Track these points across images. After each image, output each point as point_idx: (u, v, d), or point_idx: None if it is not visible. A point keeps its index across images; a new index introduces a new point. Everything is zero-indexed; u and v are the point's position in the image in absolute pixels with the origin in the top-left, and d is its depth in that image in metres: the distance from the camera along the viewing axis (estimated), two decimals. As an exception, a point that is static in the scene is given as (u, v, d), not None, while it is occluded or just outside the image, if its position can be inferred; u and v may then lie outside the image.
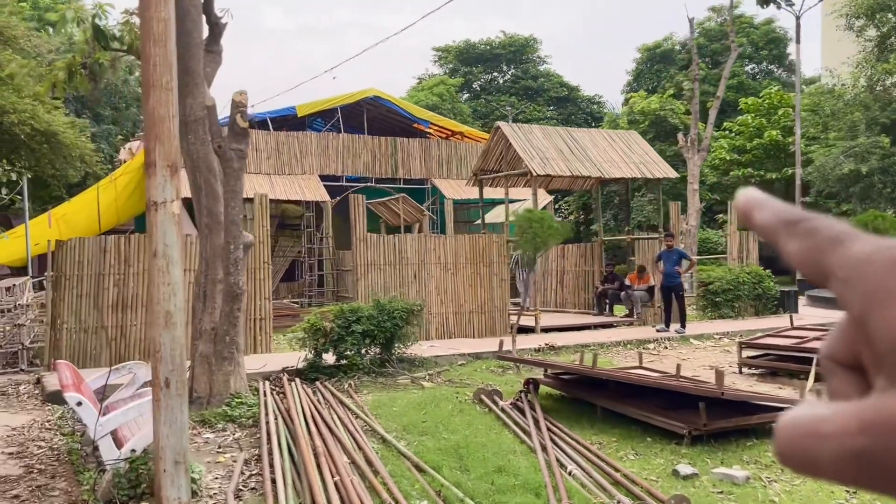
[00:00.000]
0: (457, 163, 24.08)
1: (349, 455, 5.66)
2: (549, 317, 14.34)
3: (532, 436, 6.02)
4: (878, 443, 0.29)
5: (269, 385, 8.38)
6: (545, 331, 13.28)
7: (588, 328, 13.88)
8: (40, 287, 16.65)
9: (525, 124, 14.96)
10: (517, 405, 7.37)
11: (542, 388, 7.99)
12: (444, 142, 24.43)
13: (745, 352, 9.73)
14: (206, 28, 7.81)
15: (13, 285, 11.54)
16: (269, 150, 21.25)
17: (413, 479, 5.26)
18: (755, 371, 9.72)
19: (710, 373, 8.35)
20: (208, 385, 7.51)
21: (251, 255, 10.17)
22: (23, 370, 10.40)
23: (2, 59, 11.25)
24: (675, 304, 12.88)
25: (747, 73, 40.03)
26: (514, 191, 20.64)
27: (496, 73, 45.79)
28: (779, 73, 41.04)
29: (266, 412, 7.10)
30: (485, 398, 7.71)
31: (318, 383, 8.67)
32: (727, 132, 30.51)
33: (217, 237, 7.62)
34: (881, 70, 21.42)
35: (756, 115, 29.97)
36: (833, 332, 0.36)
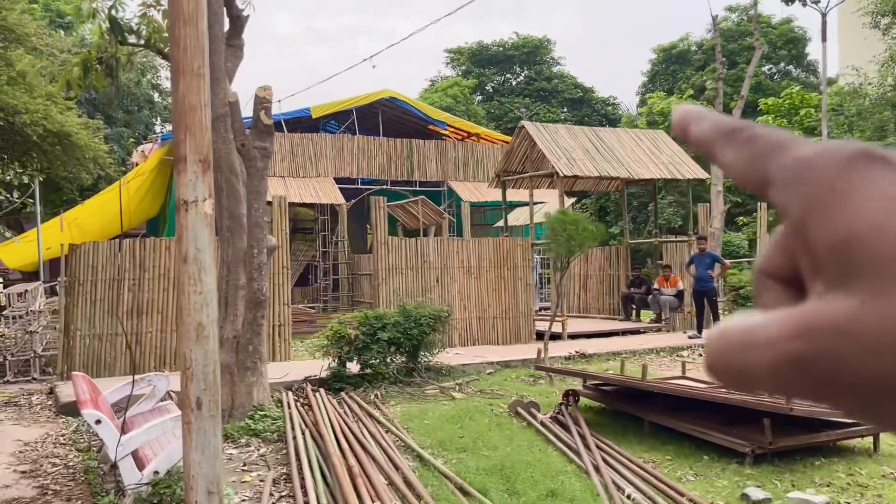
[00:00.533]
0: (473, 165, 23.66)
1: (386, 475, 5.24)
2: (575, 322, 13.88)
3: (582, 454, 5.58)
4: (817, 346, 0.27)
5: (292, 396, 7.99)
6: (572, 337, 12.82)
7: (616, 334, 13.42)
8: (52, 292, 16.34)
9: (550, 124, 14.54)
10: (558, 419, 6.94)
11: (581, 400, 7.55)
12: (460, 143, 24.01)
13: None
14: (226, 21, 7.44)
15: (25, 291, 11.19)
16: (283, 152, 20.88)
17: (458, 503, 4.83)
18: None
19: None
20: (230, 397, 7.11)
21: (270, 260, 9.78)
22: (35, 379, 10.05)
23: (13, 57, 10.93)
24: (708, 310, 12.40)
25: (765, 74, 39.41)
26: (529, 193, 20.21)
27: (509, 75, 45.39)
28: (797, 73, 40.46)
29: (292, 426, 6.70)
30: (522, 411, 7.28)
31: (343, 394, 8.27)
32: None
33: (239, 241, 7.23)
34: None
35: (776, 115, 29.45)
36: (768, 245, 0.34)
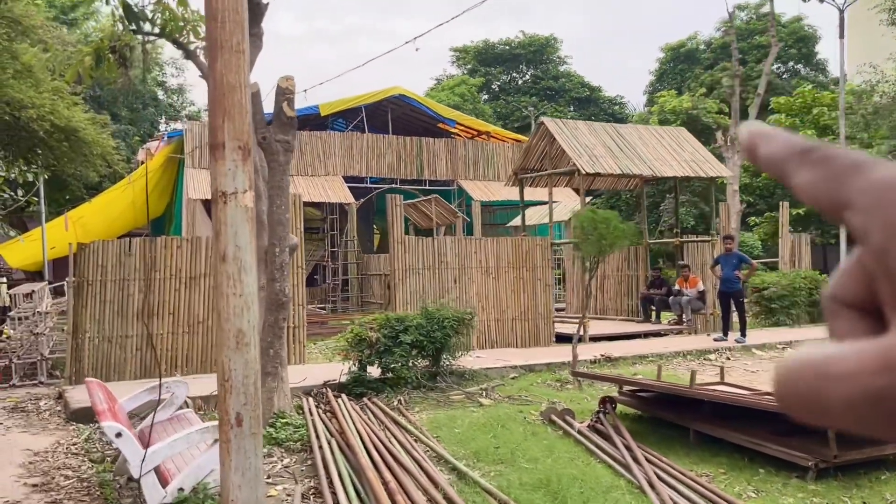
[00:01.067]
0: (483, 163, 23.30)
1: (424, 491, 4.87)
2: (594, 324, 13.49)
3: (632, 468, 5.21)
4: None
5: (312, 402, 7.62)
6: (594, 340, 12.46)
7: (638, 336, 13.05)
8: (56, 293, 16.00)
9: (569, 120, 14.18)
10: (596, 427, 6.57)
11: (618, 408, 7.18)
12: (470, 142, 23.65)
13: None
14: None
15: (32, 291, 10.83)
16: (291, 151, 20.51)
17: (506, 522, 4.47)
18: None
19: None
20: (250, 403, 6.74)
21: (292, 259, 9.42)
22: (42, 383, 9.69)
23: (18, 50, 10.57)
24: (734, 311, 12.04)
25: (774, 73, 38.98)
26: (541, 192, 19.85)
27: (515, 74, 45.03)
28: (806, 72, 40.06)
29: (316, 435, 6.33)
30: (556, 418, 6.91)
31: (365, 399, 7.91)
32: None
33: (260, 239, 6.85)
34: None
35: (789, 114, 29.08)
36: (840, 270, 0.32)
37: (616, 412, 6.96)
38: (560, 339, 12.80)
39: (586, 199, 21.37)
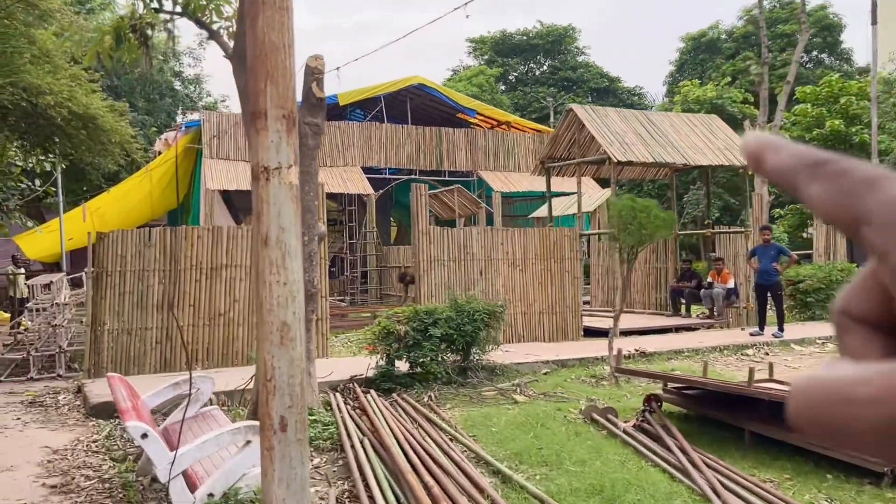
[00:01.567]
0: (504, 154, 22.90)
1: (470, 497, 4.53)
2: (623, 318, 13.09)
3: (691, 473, 4.83)
4: None
5: (340, 398, 7.31)
6: (624, 334, 12.07)
7: (669, 330, 12.64)
8: (74, 284, 15.79)
9: (599, 107, 13.75)
10: (643, 427, 6.21)
11: (663, 406, 6.80)
12: (490, 132, 23.23)
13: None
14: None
15: (50, 282, 10.59)
16: (309, 141, 20.20)
17: (561, 532, 4.12)
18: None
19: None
20: (276, 399, 6.43)
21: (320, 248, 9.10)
22: (60, 376, 9.45)
23: (36, 34, 10.29)
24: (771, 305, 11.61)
25: (797, 62, 38.16)
26: (565, 182, 19.42)
27: (533, 65, 44.48)
28: (830, 61, 39.25)
29: (347, 433, 6.01)
30: (598, 417, 6.55)
31: (394, 395, 7.58)
32: (772, 125, 29.00)
33: (286, 227, 6.54)
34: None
35: (815, 104, 28.38)
36: (852, 284, 0.32)
37: (661, 411, 6.59)
38: (588, 333, 12.43)
39: (606, 190, 20.94)
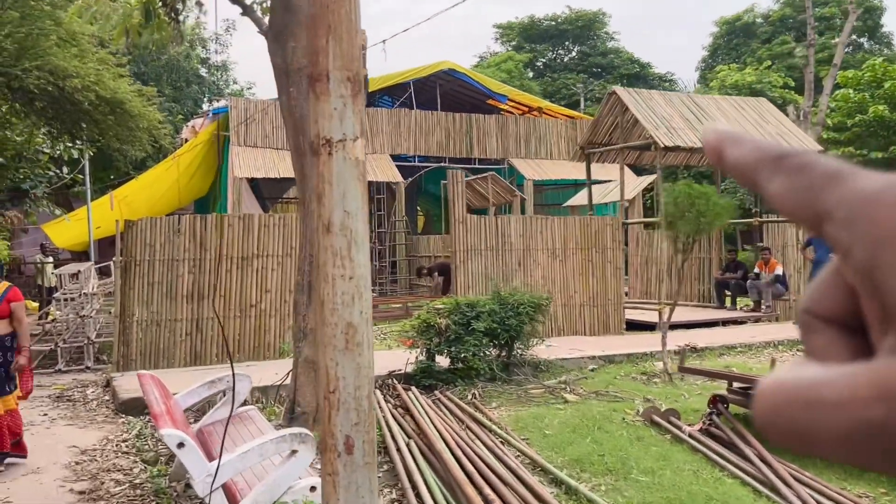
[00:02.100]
0: (535, 141, 22.30)
1: (534, 511, 4.10)
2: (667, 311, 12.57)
3: (778, 488, 4.35)
4: None
5: (380, 395, 6.91)
6: (670, 327, 11.56)
7: (716, 324, 12.09)
8: (101, 273, 15.61)
9: (643, 90, 13.16)
10: (710, 431, 5.73)
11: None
12: (521, 118, 22.65)
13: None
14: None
15: (78, 271, 10.32)
16: (337, 128, 19.78)
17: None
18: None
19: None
20: (315, 398, 6.05)
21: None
22: (89, 368, 9.18)
23: (62, 16, 9.98)
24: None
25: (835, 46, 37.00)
26: (599, 169, 18.83)
27: (561, 51, 43.67)
28: (870, 45, 38.00)
29: (392, 435, 5.61)
30: (659, 419, 6.08)
31: (437, 392, 7.17)
32: (817, 109, 28.05)
33: (324, 214, 6.14)
34: None
35: (857, 88, 27.39)
36: (817, 282, 0.31)
37: (729, 413, 6.10)
38: (629, 326, 11.94)
39: (640, 177, 20.30)
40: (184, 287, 9.11)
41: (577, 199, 19.20)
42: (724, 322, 12.22)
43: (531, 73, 41.83)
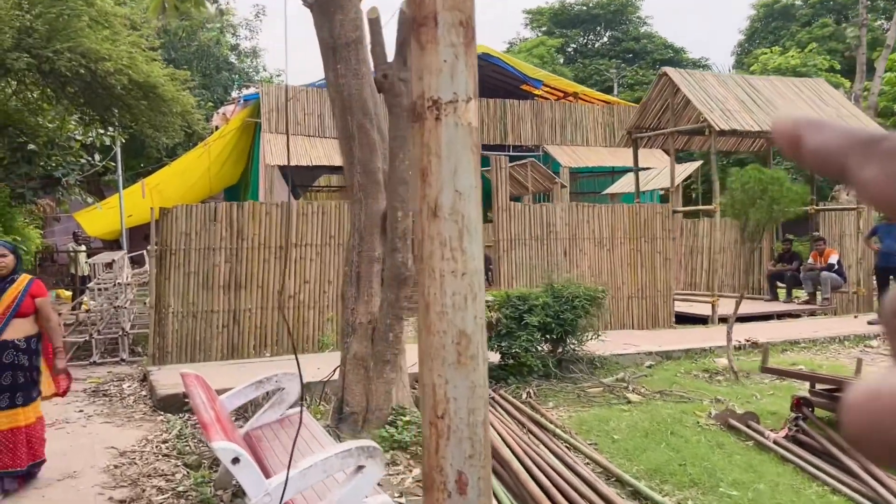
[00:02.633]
0: (571, 127, 21.69)
1: (623, 533, 3.65)
2: (720, 304, 12.01)
3: (898, 507, 3.85)
4: None
5: (430, 394, 6.49)
6: (723, 321, 11.01)
7: (771, 317, 11.51)
8: (133, 262, 15.41)
9: (695, 70, 12.53)
10: (797, 438, 5.23)
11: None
12: (557, 104, 22.04)
13: None
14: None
15: (112, 261, 10.05)
16: (369, 114, 19.37)
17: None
18: None
19: None
20: (364, 397, 5.66)
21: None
22: (124, 360, 8.90)
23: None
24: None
25: (878, 28, 35.73)
26: (670, 151, 18.18)
27: (593, 36, 42.77)
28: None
29: (449, 439, 5.18)
30: (737, 424, 5.60)
31: (490, 390, 6.74)
32: (868, 93, 27.01)
33: (374, 202, 5.72)
34: None
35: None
36: None
37: (815, 417, 5.59)
38: (678, 319, 11.40)
39: (683, 164, 19.61)
40: (220, 277, 8.78)
41: (617, 187, 18.60)
42: (779, 315, 11.63)
43: (562, 59, 41.02)
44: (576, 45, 42.46)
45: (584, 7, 41.92)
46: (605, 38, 42.37)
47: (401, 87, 5.37)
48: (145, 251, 11.01)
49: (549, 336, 7.58)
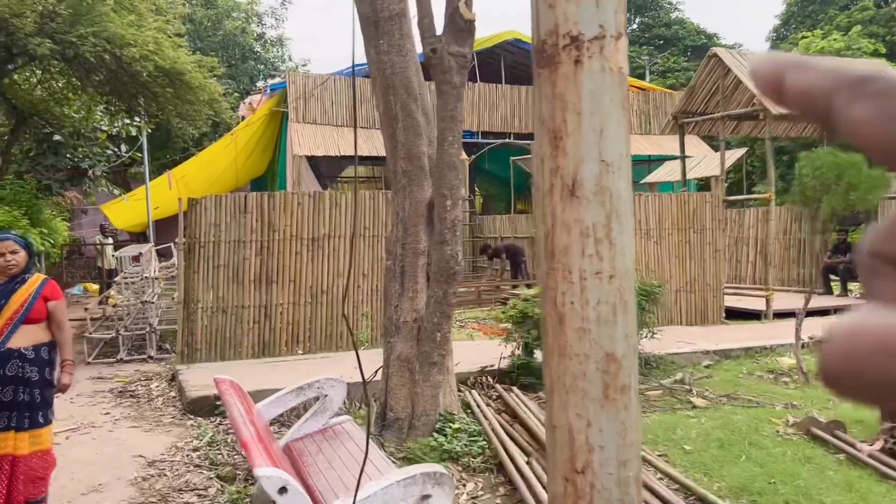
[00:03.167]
0: (605, 115, 21.02)
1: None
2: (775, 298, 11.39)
3: None
4: None
5: (478, 396, 6.03)
6: (777, 316, 10.44)
7: (827, 313, 10.86)
8: (160, 255, 15.14)
9: (746, 50, 11.88)
10: (894, 451, 4.68)
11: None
12: (590, 91, 21.36)
13: None
14: None
15: (139, 254, 9.71)
16: (398, 103, 18.91)
17: None
18: None
19: None
20: (409, 401, 5.21)
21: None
22: (152, 358, 8.56)
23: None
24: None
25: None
26: (671, 143, 17.52)
27: (622, 22, 41.86)
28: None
29: (505, 450, 4.72)
30: (822, 433, 5.05)
31: (540, 394, 6.26)
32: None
33: (419, 189, 5.25)
34: None
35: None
36: (889, 222, 0.28)
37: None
38: (728, 314, 10.81)
39: (737, 152, 18.87)
40: (251, 270, 8.38)
41: (655, 176, 17.96)
42: (836, 310, 10.98)
43: (591, 47, 40.16)
44: (605, 33, 41.59)
45: (614, -7, 41.01)
46: (636, 25, 41.44)
47: (450, 62, 4.89)
48: (173, 244, 10.66)
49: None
